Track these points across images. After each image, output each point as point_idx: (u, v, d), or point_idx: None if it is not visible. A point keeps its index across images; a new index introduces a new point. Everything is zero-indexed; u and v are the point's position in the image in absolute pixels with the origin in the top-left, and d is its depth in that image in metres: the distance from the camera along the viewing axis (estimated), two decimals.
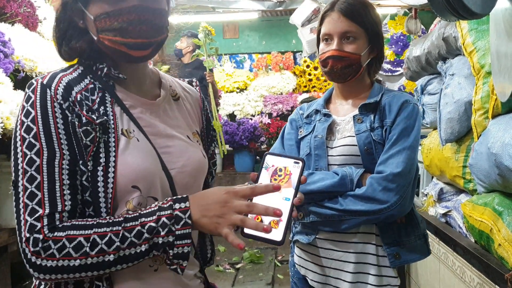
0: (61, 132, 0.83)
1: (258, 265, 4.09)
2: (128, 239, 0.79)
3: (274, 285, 3.67)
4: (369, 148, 1.42)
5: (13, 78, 1.98)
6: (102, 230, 0.80)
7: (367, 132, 1.43)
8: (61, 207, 0.81)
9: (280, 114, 6.18)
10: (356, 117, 1.47)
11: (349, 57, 1.46)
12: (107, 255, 0.79)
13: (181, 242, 0.80)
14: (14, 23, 2.36)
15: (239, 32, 7.34)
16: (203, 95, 1.16)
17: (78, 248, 0.78)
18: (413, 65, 2.74)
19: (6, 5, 2.34)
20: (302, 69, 6.69)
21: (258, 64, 6.91)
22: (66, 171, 0.83)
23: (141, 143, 0.90)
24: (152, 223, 0.80)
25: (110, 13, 0.86)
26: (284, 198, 0.83)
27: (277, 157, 0.87)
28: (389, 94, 1.50)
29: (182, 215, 0.81)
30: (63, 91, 0.86)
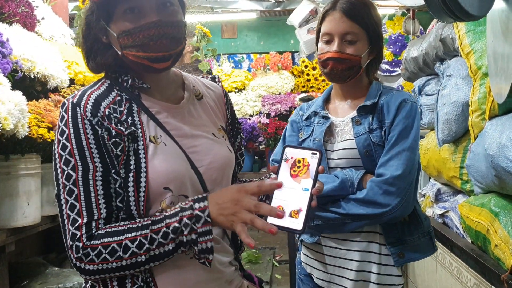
0: (93, 147, 0.91)
1: (256, 265, 4.10)
2: (156, 241, 0.87)
3: (272, 285, 3.68)
4: (368, 151, 1.41)
5: (11, 78, 1.98)
6: (132, 235, 0.88)
7: (366, 135, 1.41)
8: (97, 215, 0.90)
9: (279, 114, 6.19)
10: (355, 119, 1.46)
11: (350, 59, 1.43)
12: (139, 256, 0.87)
13: (204, 239, 0.87)
14: (12, 23, 2.36)
15: (238, 32, 7.34)
16: None
17: (112, 253, 0.87)
18: (410, 66, 2.75)
19: (4, 5, 2.34)
20: (301, 69, 6.69)
21: (256, 64, 6.92)
22: (100, 182, 0.90)
23: (169, 147, 0.96)
24: (175, 223, 0.87)
25: (132, 31, 0.92)
26: (303, 189, 0.87)
27: (296, 149, 0.91)
28: (387, 94, 1.48)
29: (201, 214, 0.87)
30: (92, 108, 0.93)
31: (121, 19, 0.93)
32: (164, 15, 0.94)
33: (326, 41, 1.46)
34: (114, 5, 0.93)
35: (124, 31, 0.93)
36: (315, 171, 0.88)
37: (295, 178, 0.89)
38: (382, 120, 1.43)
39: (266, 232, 0.84)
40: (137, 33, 0.92)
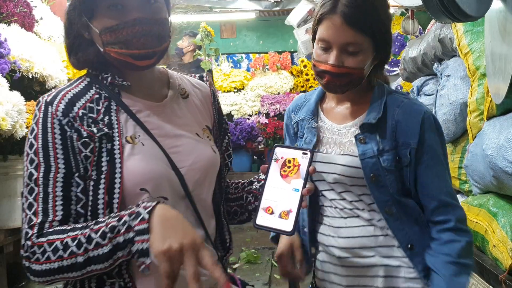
0: (58, 148, 0.89)
1: (255, 265, 4.09)
2: (94, 240, 0.82)
3: (271, 285, 3.68)
4: (376, 176, 1.18)
5: (9, 78, 1.98)
6: (74, 234, 0.84)
7: (374, 159, 1.18)
8: (52, 217, 0.87)
9: (278, 114, 6.18)
10: (359, 137, 1.20)
11: (350, 73, 1.17)
12: (78, 256, 0.82)
13: (141, 238, 0.78)
14: (10, 23, 2.36)
15: (237, 32, 7.34)
16: None
17: (55, 251, 0.83)
18: (409, 66, 2.75)
19: (2, 5, 2.34)
20: (300, 69, 6.69)
21: (255, 64, 6.92)
22: (60, 184, 0.88)
23: (147, 147, 0.94)
24: (114, 222, 0.82)
25: (115, 27, 0.90)
26: (294, 189, 0.85)
27: (286, 149, 0.90)
28: (396, 105, 1.21)
29: (143, 211, 0.81)
30: (64, 108, 0.91)
31: (104, 15, 0.91)
32: (148, 12, 0.92)
33: (323, 48, 1.20)
34: (97, 1, 0.91)
35: (107, 27, 0.91)
36: (306, 171, 0.87)
37: (285, 178, 0.87)
38: (398, 140, 1.19)
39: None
40: (121, 30, 0.90)
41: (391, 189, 1.18)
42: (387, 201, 1.19)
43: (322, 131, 1.29)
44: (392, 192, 1.19)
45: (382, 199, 1.19)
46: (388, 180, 1.18)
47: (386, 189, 1.19)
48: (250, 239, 4.85)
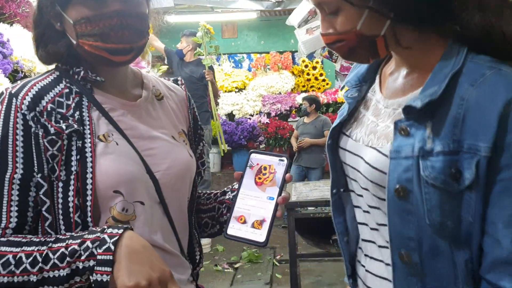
0: (19, 145, 0.81)
1: (257, 264, 4.10)
2: (51, 261, 0.75)
3: (272, 284, 3.68)
4: (404, 190, 0.74)
5: (12, 78, 1.99)
6: (30, 249, 0.77)
7: (411, 161, 0.73)
8: (5, 223, 0.79)
9: (279, 114, 6.19)
10: (400, 125, 0.76)
11: (339, 39, 0.82)
12: (31, 275, 0.75)
13: (101, 269, 0.73)
14: (12, 23, 2.36)
15: (238, 32, 7.35)
16: (203, 94, 1.14)
17: (5, 265, 0.76)
18: None
19: (4, 5, 2.34)
20: (301, 69, 6.70)
21: (256, 63, 6.92)
22: (17, 187, 0.80)
23: (121, 147, 0.87)
24: (75, 245, 0.75)
25: (91, 18, 0.84)
26: (268, 198, 0.82)
27: (262, 155, 0.86)
28: (472, 80, 0.72)
29: (108, 239, 0.74)
30: (30, 101, 0.83)
31: (80, 4, 0.84)
32: (128, 5, 0.85)
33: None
34: None
35: (83, 17, 0.83)
36: (282, 178, 0.83)
37: (260, 186, 0.84)
38: (462, 141, 0.71)
39: None
40: (97, 21, 0.83)
41: (427, 219, 0.72)
42: (411, 239, 0.74)
43: (365, 106, 0.90)
44: (425, 225, 0.72)
45: (402, 234, 0.75)
46: (426, 201, 0.72)
47: (416, 217, 0.73)
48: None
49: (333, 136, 0.93)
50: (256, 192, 0.83)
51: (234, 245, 4.74)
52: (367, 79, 0.92)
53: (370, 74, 0.92)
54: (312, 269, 3.90)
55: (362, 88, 0.92)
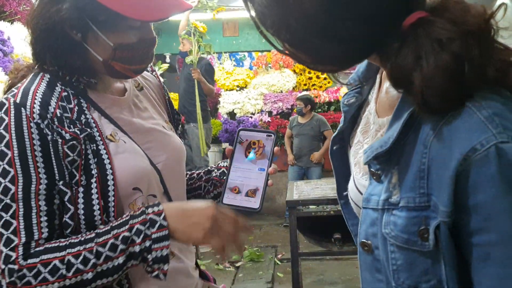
0: (38, 155, 0.80)
1: (258, 263, 4.09)
2: (103, 254, 0.77)
3: (274, 283, 3.68)
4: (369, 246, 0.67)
5: None
6: (75, 250, 0.78)
7: (377, 213, 0.64)
8: (37, 235, 0.79)
9: (280, 112, 6.18)
10: (372, 168, 0.66)
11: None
12: (84, 273, 0.77)
13: (159, 245, 0.78)
14: (13, 21, 2.36)
15: (239, 30, 7.33)
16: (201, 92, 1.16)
17: (53, 272, 0.76)
18: None
19: (5, 3, 2.34)
20: (302, 67, 6.68)
21: (258, 62, 6.91)
22: (43, 197, 0.79)
23: (128, 144, 0.89)
24: (125, 233, 0.78)
25: (134, 45, 0.87)
26: (259, 169, 0.88)
27: (250, 132, 0.92)
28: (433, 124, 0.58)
29: (156, 217, 0.79)
30: (40, 109, 0.81)
31: (128, 30, 0.86)
32: (152, 31, 0.93)
33: None
34: (118, 18, 0.83)
35: (128, 44, 0.86)
36: (271, 151, 0.89)
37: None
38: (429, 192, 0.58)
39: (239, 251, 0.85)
40: (138, 48, 0.88)
41: (394, 282, 0.62)
42: None
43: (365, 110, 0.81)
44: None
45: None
46: (391, 260, 0.62)
47: (385, 277, 0.64)
48: (253, 237, 4.85)
49: (334, 143, 0.87)
50: (248, 164, 0.89)
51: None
52: (367, 77, 0.81)
53: (371, 72, 0.80)
54: (314, 268, 3.90)
55: (363, 90, 0.82)
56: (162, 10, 0.85)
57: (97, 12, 0.83)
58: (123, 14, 0.81)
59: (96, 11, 0.83)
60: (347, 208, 0.87)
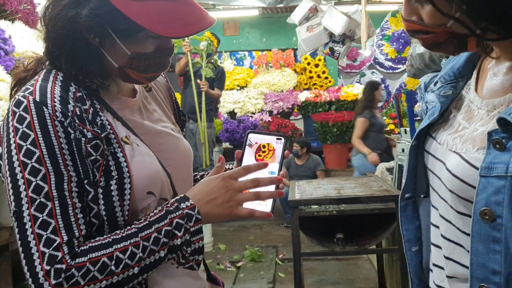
0: (66, 153, 0.79)
1: (259, 263, 4.08)
2: (148, 248, 0.79)
3: (275, 283, 3.67)
4: (492, 214, 0.65)
5: None
6: (122, 245, 0.78)
7: (504, 181, 0.64)
8: (77, 232, 0.77)
9: (281, 112, 6.17)
10: (495, 137, 0.66)
11: (424, 30, 0.72)
12: (131, 268, 0.77)
13: (196, 238, 0.83)
14: (14, 20, 2.35)
15: (239, 29, 7.32)
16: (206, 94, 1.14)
17: (103, 269, 0.75)
18: (416, 62, 2.73)
19: (6, 2, 2.33)
20: (303, 67, 6.67)
21: (258, 61, 6.90)
22: (76, 194, 0.78)
23: (141, 147, 0.89)
24: (166, 227, 0.81)
25: (151, 55, 0.86)
26: (270, 172, 0.87)
27: (260, 135, 0.90)
28: None
29: (191, 212, 0.83)
30: (61, 107, 0.80)
31: (142, 41, 0.85)
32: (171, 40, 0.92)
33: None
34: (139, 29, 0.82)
35: (145, 53, 0.85)
36: (281, 155, 0.88)
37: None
38: None
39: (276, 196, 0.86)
40: (155, 58, 0.87)
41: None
42: (496, 273, 0.65)
43: (456, 105, 0.80)
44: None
45: (486, 266, 0.66)
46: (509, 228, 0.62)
47: (504, 248, 0.64)
48: (254, 237, 4.85)
49: (418, 138, 0.84)
50: None
51: (236, 244, 4.72)
52: (464, 74, 0.80)
53: (467, 69, 0.80)
54: (315, 267, 3.89)
55: (458, 84, 0.81)
56: (186, 25, 0.83)
57: (118, 21, 0.82)
58: (147, 29, 0.80)
59: (118, 20, 0.82)
60: (405, 211, 0.87)
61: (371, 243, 2.75)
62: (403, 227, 0.88)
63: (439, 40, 0.72)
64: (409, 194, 0.87)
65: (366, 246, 2.69)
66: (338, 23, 3.72)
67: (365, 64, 7.72)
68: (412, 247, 0.87)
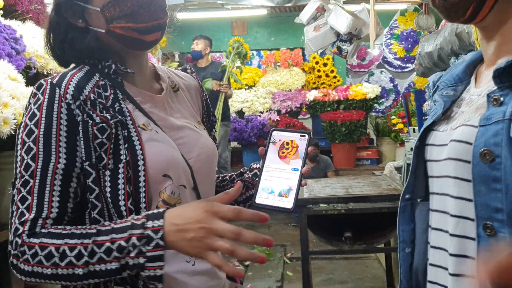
0: (62, 135, 0.82)
1: (267, 262, 4.09)
2: (97, 255, 0.76)
3: (283, 282, 3.67)
4: (491, 154, 0.70)
5: (24, 75, 1.99)
6: (73, 242, 0.77)
7: (501, 124, 0.70)
8: (46, 213, 0.80)
9: (289, 111, 6.17)
10: (492, 95, 0.74)
11: None
12: (76, 268, 0.76)
13: (153, 265, 0.74)
14: (25, 20, 2.37)
15: (248, 28, 7.33)
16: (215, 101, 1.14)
17: (48, 257, 0.77)
18: (425, 61, 2.72)
19: (17, 2, 2.35)
20: (311, 66, 6.66)
21: (266, 60, 6.90)
22: (60, 177, 0.81)
23: (160, 134, 0.90)
24: (122, 241, 0.75)
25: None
26: (293, 169, 0.86)
27: (283, 132, 0.90)
28: None
29: (153, 235, 0.74)
30: (74, 90, 0.84)
31: None
32: None
33: None
34: None
35: (110, 1, 0.86)
36: (305, 151, 0.87)
37: (283, 159, 0.87)
38: None
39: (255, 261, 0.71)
40: (125, 1, 0.86)
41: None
42: (498, 210, 0.69)
43: (458, 104, 0.86)
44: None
45: (489, 205, 0.70)
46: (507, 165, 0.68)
47: (505, 185, 0.68)
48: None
49: (421, 137, 0.88)
50: (281, 164, 0.87)
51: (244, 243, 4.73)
52: (463, 79, 0.88)
53: (466, 76, 0.88)
54: (323, 266, 3.89)
55: (457, 88, 0.88)
56: None
57: None
58: None
59: None
60: (404, 212, 0.91)
61: (380, 242, 2.74)
62: (400, 227, 0.92)
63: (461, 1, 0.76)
64: (409, 196, 0.91)
65: (374, 245, 2.69)
66: (343, 22, 3.72)
67: (373, 63, 7.69)
68: (405, 248, 0.91)
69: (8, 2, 2.30)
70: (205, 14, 6.35)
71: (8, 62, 1.88)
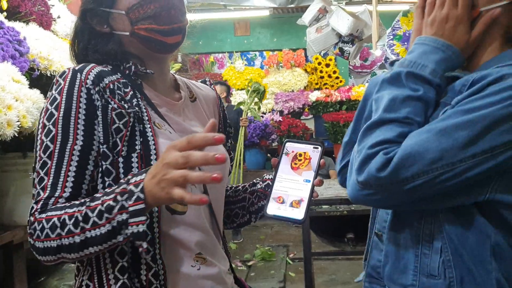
0: (81, 117, 0.84)
1: (270, 262, 4.09)
2: (90, 219, 0.76)
3: (286, 282, 3.67)
4: None
5: (28, 76, 2.00)
6: (71, 211, 0.78)
7: None
8: (59, 192, 0.81)
9: (292, 112, 6.17)
10: None
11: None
12: (75, 236, 0.77)
13: (134, 220, 0.73)
14: (28, 22, 2.38)
15: (250, 29, 7.33)
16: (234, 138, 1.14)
17: (52, 228, 0.78)
18: None
19: (20, 4, 2.36)
20: (314, 66, 6.66)
21: (269, 61, 6.91)
22: (76, 158, 0.83)
23: (173, 135, 0.92)
24: (110, 201, 0.75)
25: (142, 2, 0.90)
26: (305, 180, 0.87)
27: (297, 144, 0.91)
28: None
29: (134, 188, 0.74)
30: (95, 77, 0.87)
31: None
32: None
33: None
34: None
35: (134, 4, 0.90)
36: (317, 163, 0.87)
37: (296, 170, 0.88)
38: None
39: (209, 181, 0.69)
40: (148, 3, 0.90)
41: None
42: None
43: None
44: None
45: None
46: None
47: None
48: (265, 237, 4.86)
49: None
50: (293, 175, 0.88)
51: (247, 243, 4.74)
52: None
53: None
54: (326, 267, 3.89)
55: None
56: None
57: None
58: None
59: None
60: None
61: None
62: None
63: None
64: None
65: None
66: (344, 24, 3.72)
67: (376, 64, 7.68)
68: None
69: (11, 4, 2.31)
70: (208, 15, 6.36)
71: (11, 64, 1.89)
